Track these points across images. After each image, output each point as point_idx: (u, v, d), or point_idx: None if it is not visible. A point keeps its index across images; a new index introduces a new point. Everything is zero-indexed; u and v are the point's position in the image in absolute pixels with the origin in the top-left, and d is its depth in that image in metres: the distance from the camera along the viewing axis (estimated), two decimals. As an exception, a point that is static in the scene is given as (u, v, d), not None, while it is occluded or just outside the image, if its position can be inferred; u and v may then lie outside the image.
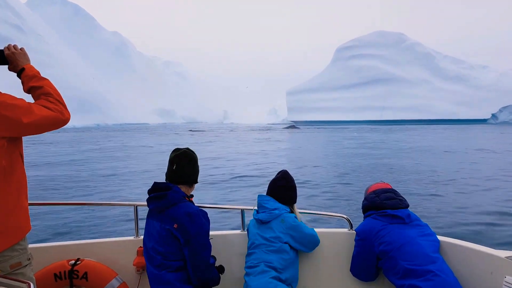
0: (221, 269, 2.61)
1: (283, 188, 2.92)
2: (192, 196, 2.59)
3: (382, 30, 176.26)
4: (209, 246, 2.41)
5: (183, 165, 2.47)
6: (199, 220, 2.33)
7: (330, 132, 65.14)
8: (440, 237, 2.68)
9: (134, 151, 29.77)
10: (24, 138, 1.96)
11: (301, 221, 2.89)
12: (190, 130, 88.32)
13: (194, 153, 2.57)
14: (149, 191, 2.46)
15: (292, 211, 2.90)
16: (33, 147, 33.75)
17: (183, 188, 2.48)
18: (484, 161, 20.16)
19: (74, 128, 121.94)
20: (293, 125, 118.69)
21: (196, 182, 2.58)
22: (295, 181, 3.04)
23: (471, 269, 2.47)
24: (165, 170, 2.57)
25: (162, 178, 2.58)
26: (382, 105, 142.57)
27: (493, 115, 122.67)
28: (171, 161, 2.50)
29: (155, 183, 2.47)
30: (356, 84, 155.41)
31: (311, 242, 2.85)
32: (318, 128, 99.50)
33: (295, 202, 2.97)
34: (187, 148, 2.56)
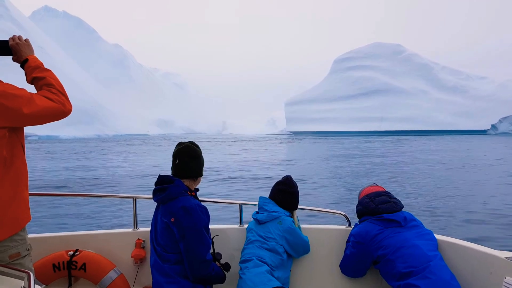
0: (226, 266, 2.56)
1: (283, 192, 2.93)
2: (197, 190, 2.56)
3: (379, 41, 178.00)
4: (206, 242, 2.35)
5: (186, 159, 2.46)
6: (196, 215, 2.30)
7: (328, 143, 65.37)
8: (438, 236, 2.67)
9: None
10: None
11: (298, 227, 2.93)
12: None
13: (198, 147, 2.54)
14: (155, 184, 2.48)
15: (291, 216, 2.90)
16: None
17: (187, 182, 2.47)
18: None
19: (74, 139, 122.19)
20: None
21: (201, 175, 2.55)
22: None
23: (470, 268, 2.45)
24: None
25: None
26: (380, 116, 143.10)
27: (493, 126, 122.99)
28: (174, 156, 2.49)
29: (159, 176, 2.48)
30: (354, 95, 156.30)
31: (302, 249, 2.88)
32: (318, 138, 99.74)
33: (295, 208, 2.97)
34: (190, 142, 2.54)
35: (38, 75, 1.96)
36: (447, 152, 34.80)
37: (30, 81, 1.99)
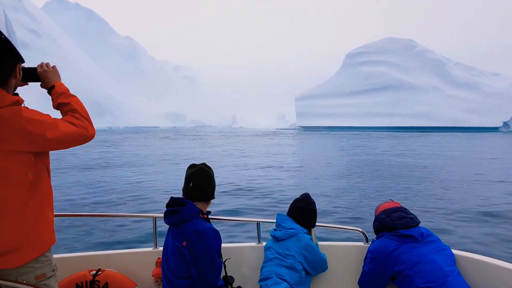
0: None
1: (301, 210, 2.96)
2: (209, 212, 2.55)
3: (392, 36, 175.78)
4: (218, 267, 2.33)
5: (200, 182, 2.45)
6: (209, 239, 2.27)
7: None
8: (456, 251, 2.66)
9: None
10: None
11: (316, 244, 2.95)
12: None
13: (210, 169, 2.54)
14: (166, 206, 2.48)
15: (309, 234, 2.93)
16: None
17: (200, 205, 2.46)
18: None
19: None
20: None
21: (213, 197, 2.55)
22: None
23: (489, 284, 2.41)
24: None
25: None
26: (391, 112, 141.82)
27: (505, 123, 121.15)
28: (188, 179, 2.47)
29: (171, 198, 2.48)
30: (366, 90, 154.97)
31: (320, 267, 2.89)
32: (326, 134, 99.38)
33: (313, 226, 2.99)
34: (203, 164, 2.54)
35: (64, 101, 2.01)
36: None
37: (56, 106, 2.05)
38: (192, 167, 2.52)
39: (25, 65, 2.03)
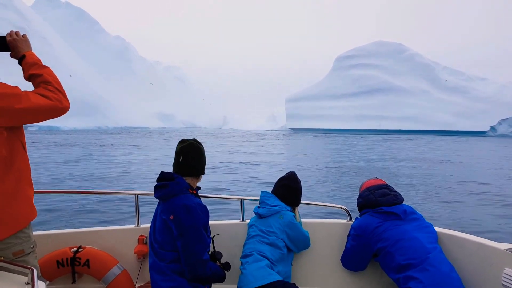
0: (227, 266, 2.53)
1: (286, 187, 2.95)
2: (198, 188, 2.53)
3: (381, 40, 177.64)
4: (204, 241, 2.31)
5: (190, 157, 2.43)
6: (195, 214, 2.27)
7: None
8: (438, 229, 2.67)
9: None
10: None
11: (300, 222, 2.95)
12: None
13: (201, 145, 2.51)
14: (157, 180, 2.46)
15: (293, 211, 2.92)
16: None
17: (189, 180, 2.44)
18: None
19: (75, 130, 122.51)
20: None
21: (203, 173, 2.53)
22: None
23: (470, 260, 2.44)
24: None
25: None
26: (380, 115, 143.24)
27: (492, 128, 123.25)
28: (178, 153, 2.45)
29: (161, 172, 2.46)
30: (355, 93, 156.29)
31: (303, 244, 2.90)
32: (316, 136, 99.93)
33: (297, 204, 2.98)
34: (194, 139, 2.51)
35: (35, 72, 1.94)
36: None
37: (27, 77, 1.96)
38: (182, 142, 2.48)
39: None
